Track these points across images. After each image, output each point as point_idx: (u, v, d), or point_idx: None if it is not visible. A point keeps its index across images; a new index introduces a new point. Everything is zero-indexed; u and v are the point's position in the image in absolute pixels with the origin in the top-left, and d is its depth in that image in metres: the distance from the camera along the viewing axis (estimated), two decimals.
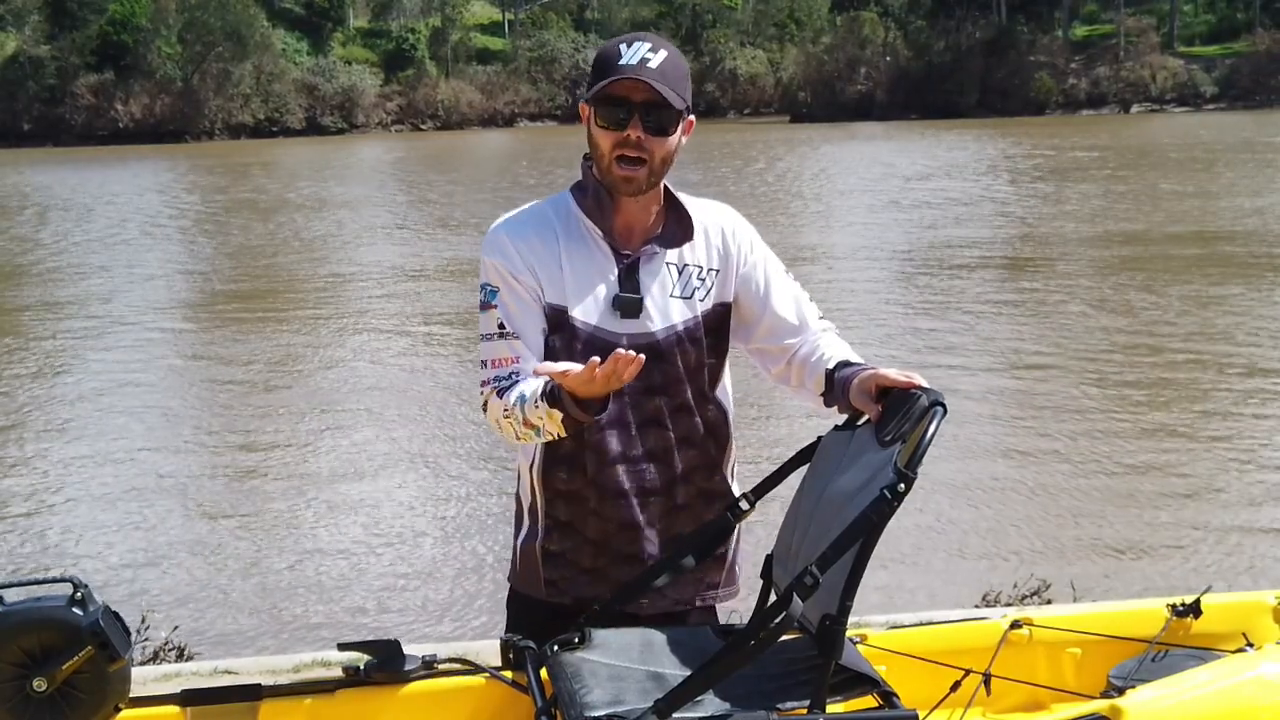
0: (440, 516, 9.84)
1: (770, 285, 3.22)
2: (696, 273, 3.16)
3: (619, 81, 2.98)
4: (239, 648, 7.44)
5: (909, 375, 2.94)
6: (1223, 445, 11.10)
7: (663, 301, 3.13)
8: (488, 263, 3.12)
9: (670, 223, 3.16)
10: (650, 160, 3.04)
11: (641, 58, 3.00)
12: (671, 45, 3.09)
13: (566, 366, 2.80)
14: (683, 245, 3.15)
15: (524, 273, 3.08)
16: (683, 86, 3.05)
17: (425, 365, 15.33)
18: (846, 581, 2.63)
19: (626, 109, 3.00)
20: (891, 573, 8.22)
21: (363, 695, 3.06)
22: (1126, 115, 72.17)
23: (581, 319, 3.09)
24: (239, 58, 76.14)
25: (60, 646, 2.77)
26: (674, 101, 3.00)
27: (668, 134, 3.04)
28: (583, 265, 3.10)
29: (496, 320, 3.09)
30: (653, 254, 3.13)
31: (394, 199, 36.57)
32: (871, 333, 15.91)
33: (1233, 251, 22.07)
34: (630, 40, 3.05)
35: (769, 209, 29.57)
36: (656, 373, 3.10)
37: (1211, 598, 3.48)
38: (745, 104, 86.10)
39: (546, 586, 3.21)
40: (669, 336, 3.12)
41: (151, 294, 21.25)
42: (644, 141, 3.01)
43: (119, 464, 11.48)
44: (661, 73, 3.00)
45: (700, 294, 3.16)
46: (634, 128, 3.00)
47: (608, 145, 3.03)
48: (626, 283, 3.10)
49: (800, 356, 3.20)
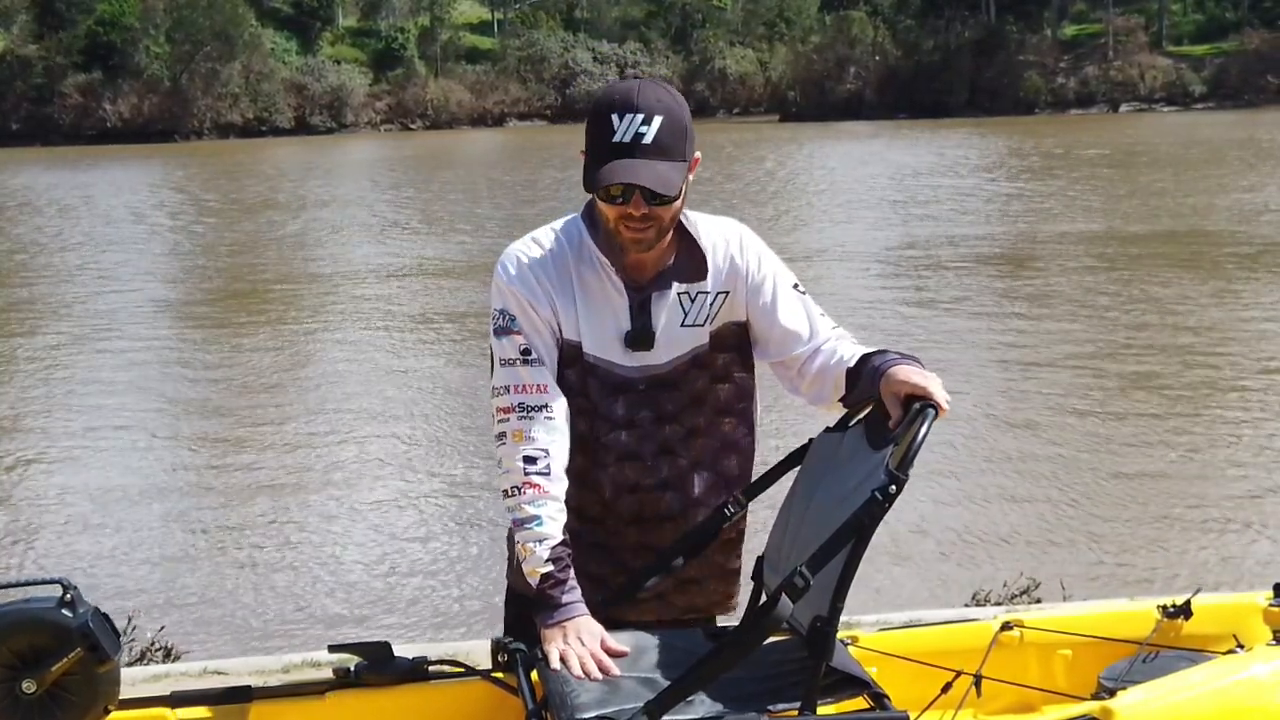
0: (432, 517, 9.83)
1: (777, 298, 3.14)
2: (707, 299, 3.11)
3: (611, 169, 2.88)
4: (228, 648, 7.42)
5: (928, 384, 2.87)
6: (1214, 446, 11.11)
7: (673, 332, 3.08)
8: (506, 289, 3.04)
9: (682, 255, 3.09)
10: (658, 223, 2.97)
11: (635, 133, 2.88)
12: (665, 96, 2.95)
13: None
14: (695, 281, 3.09)
15: (544, 304, 3.03)
16: (682, 146, 2.94)
17: (417, 364, 15.31)
18: (837, 583, 2.63)
19: (625, 192, 2.91)
20: (881, 573, 8.22)
21: (353, 697, 3.05)
22: (1115, 115, 72.26)
23: (593, 353, 3.05)
24: (227, 57, 76.01)
25: (50, 648, 2.76)
26: (669, 189, 2.90)
27: (673, 201, 2.96)
28: (596, 300, 3.05)
29: (519, 345, 3.01)
30: (666, 288, 3.07)
31: (384, 199, 36.51)
32: (862, 332, 15.89)
33: (1226, 251, 22.10)
34: (621, 109, 2.89)
35: (762, 208, 29.58)
36: (668, 401, 3.09)
37: (1202, 599, 3.48)
38: (735, 103, 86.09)
39: None
40: (677, 366, 3.09)
41: (139, 294, 21.20)
42: (649, 213, 2.94)
43: (105, 464, 11.46)
44: (659, 147, 2.89)
45: (710, 318, 3.11)
46: (636, 206, 2.92)
47: (612, 216, 2.96)
48: (638, 318, 3.05)
49: (816, 366, 3.13)
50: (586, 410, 3.07)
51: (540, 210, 30.95)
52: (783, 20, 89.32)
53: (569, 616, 2.93)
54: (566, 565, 2.95)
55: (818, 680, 2.68)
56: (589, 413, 3.07)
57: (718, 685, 2.71)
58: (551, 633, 2.92)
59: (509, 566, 3.31)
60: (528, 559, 2.96)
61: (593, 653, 2.87)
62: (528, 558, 2.96)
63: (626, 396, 3.07)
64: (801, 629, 2.73)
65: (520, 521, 2.97)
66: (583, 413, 3.07)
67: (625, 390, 3.07)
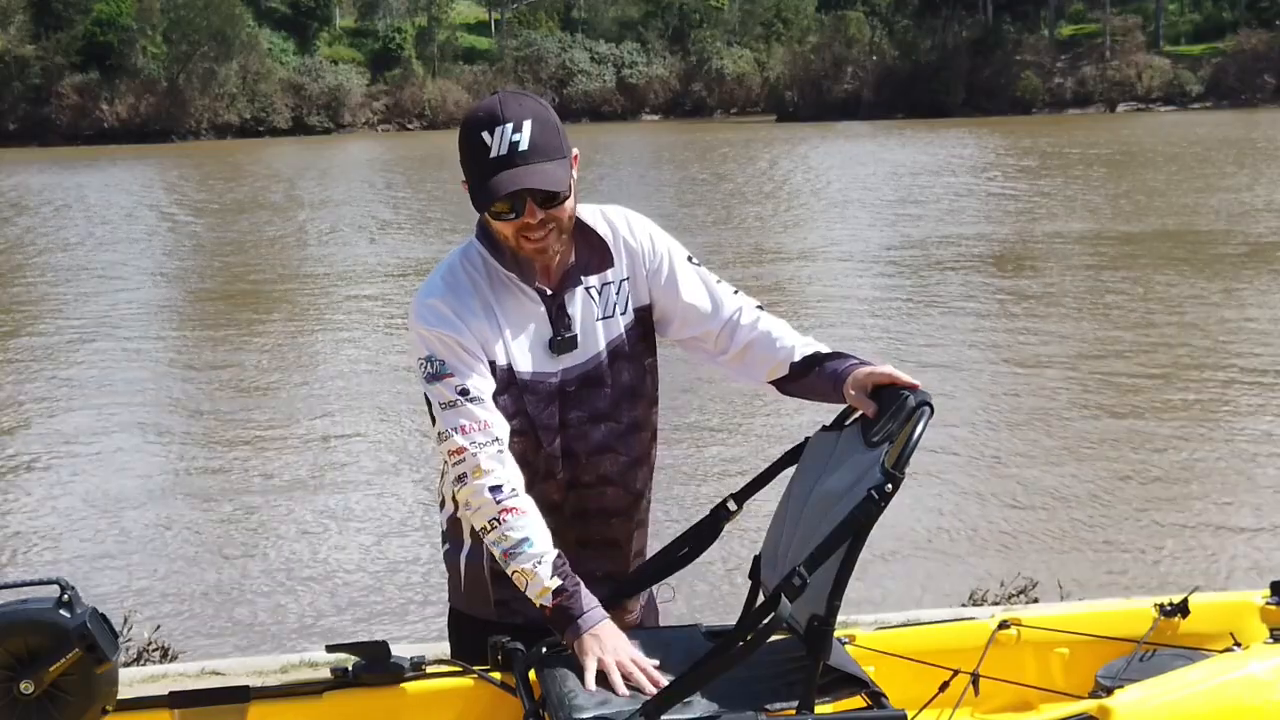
0: (429, 517, 9.82)
1: (676, 275, 3.13)
2: (614, 288, 3.10)
3: (497, 182, 2.88)
4: (225, 648, 7.42)
5: (894, 372, 2.92)
6: (1212, 444, 11.12)
7: (590, 328, 3.08)
8: (429, 334, 3.00)
9: (582, 248, 3.07)
10: (557, 224, 2.96)
11: (509, 143, 2.87)
12: (528, 102, 2.94)
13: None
14: (602, 270, 3.09)
15: (468, 338, 2.99)
16: (559, 143, 2.93)
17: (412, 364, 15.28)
18: (834, 582, 2.64)
19: (516, 202, 2.91)
20: (879, 571, 8.23)
21: (351, 697, 3.05)
22: (1112, 115, 72.27)
23: (524, 371, 3.04)
24: (224, 57, 75.94)
25: (48, 649, 2.75)
26: (559, 185, 2.90)
27: (564, 199, 2.95)
28: (516, 316, 3.03)
29: (455, 387, 2.97)
30: (576, 285, 3.07)
31: (380, 199, 36.51)
32: (858, 330, 15.92)
33: (1225, 250, 22.12)
34: (489, 124, 2.89)
35: (759, 207, 29.57)
36: (597, 399, 3.08)
37: (1199, 597, 3.48)
38: (732, 104, 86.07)
39: (497, 607, 3.15)
40: (601, 362, 3.09)
41: (135, 295, 21.20)
42: (545, 217, 2.93)
43: (102, 464, 11.46)
44: (535, 149, 2.89)
45: (620, 307, 3.11)
46: (530, 214, 2.91)
47: (509, 231, 2.95)
48: (558, 322, 3.05)
49: (742, 341, 3.12)
50: (526, 428, 3.05)
51: None
52: (780, 20, 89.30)
53: (594, 623, 2.87)
54: (570, 573, 2.91)
55: (815, 679, 2.68)
56: (529, 430, 3.05)
57: (715, 684, 2.71)
58: (586, 645, 2.85)
59: (451, 590, 3.27)
60: (530, 584, 2.89)
61: (638, 664, 2.83)
62: (530, 582, 2.89)
63: (558, 402, 3.06)
64: (799, 628, 2.74)
65: (509, 551, 2.91)
66: (523, 431, 3.04)
67: (556, 396, 3.06)
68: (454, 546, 3.20)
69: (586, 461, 3.09)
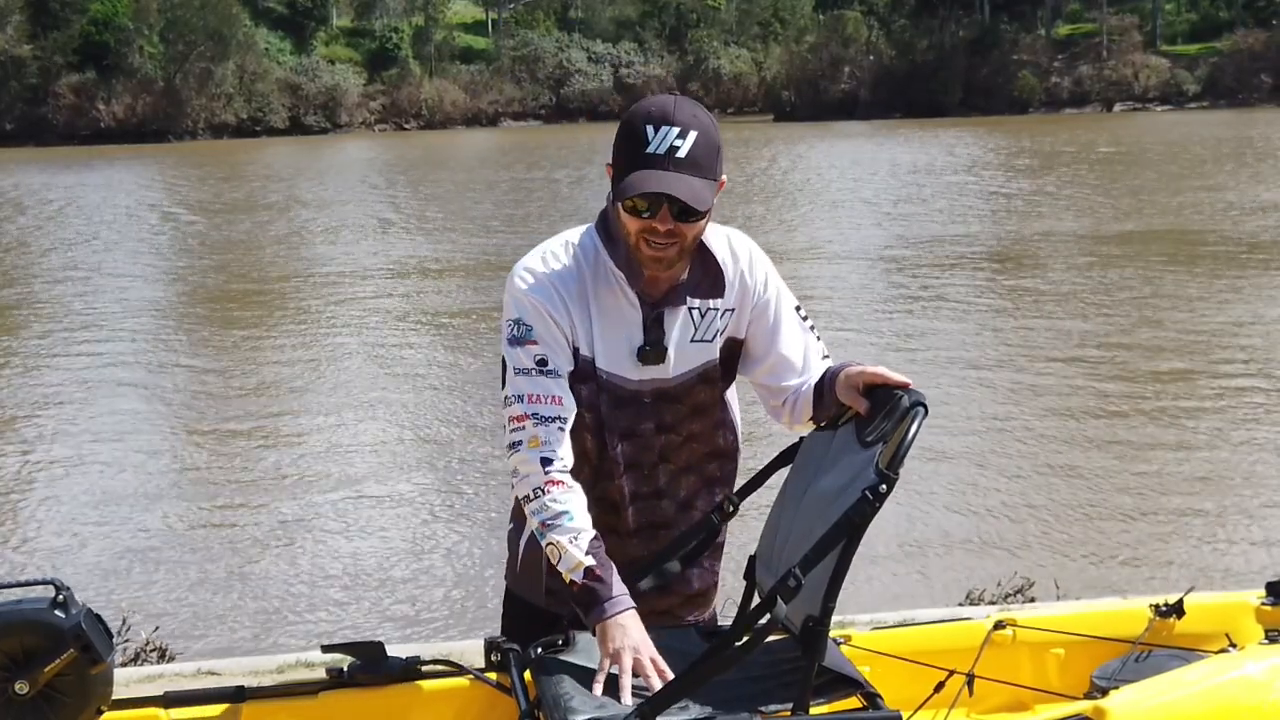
0: (426, 517, 9.82)
1: (780, 324, 3.12)
2: (716, 315, 3.08)
3: (642, 177, 2.84)
4: (221, 649, 7.41)
5: (881, 370, 2.92)
6: (1207, 445, 11.12)
7: (683, 347, 3.06)
8: (524, 298, 2.99)
9: (696, 269, 3.04)
10: (681, 241, 2.92)
11: (670, 145, 2.84)
12: (702, 114, 2.91)
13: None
14: (711, 297, 3.06)
15: (562, 316, 2.98)
16: (714, 164, 2.90)
17: (410, 363, 15.29)
18: (829, 583, 2.64)
19: (655, 202, 2.87)
20: (874, 571, 8.23)
21: (346, 697, 3.05)
22: (1109, 114, 72.30)
23: (605, 369, 3.03)
24: (221, 57, 75.82)
25: (42, 649, 2.76)
26: (701, 204, 2.86)
27: (701, 218, 2.91)
28: (611, 315, 3.01)
29: (535, 355, 2.96)
30: (680, 304, 3.04)
31: (377, 199, 36.47)
32: (857, 330, 15.92)
33: (1224, 249, 22.12)
34: (658, 121, 2.86)
35: (755, 207, 29.58)
36: (668, 413, 3.09)
37: (1194, 598, 3.49)
38: (729, 103, 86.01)
39: (547, 595, 3.15)
40: (685, 381, 3.08)
41: (131, 295, 21.17)
42: (674, 229, 2.89)
43: (98, 464, 11.44)
44: (693, 162, 2.85)
45: (718, 334, 3.10)
46: (663, 220, 2.87)
47: (634, 229, 2.91)
48: (652, 332, 3.03)
49: (801, 396, 3.12)
50: (596, 424, 3.05)
51: (534, 210, 31.01)
52: (777, 20, 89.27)
53: (621, 609, 2.85)
54: (605, 557, 2.90)
55: (810, 679, 2.68)
56: (598, 427, 3.05)
57: (710, 685, 2.71)
58: (609, 632, 2.83)
59: (509, 569, 3.28)
60: (563, 557, 2.88)
61: (656, 665, 2.80)
62: (563, 556, 2.88)
63: (631, 408, 3.06)
64: (794, 628, 2.73)
65: (548, 521, 2.91)
66: (593, 427, 3.05)
67: (631, 403, 3.06)
68: (517, 526, 3.21)
69: (649, 473, 3.10)
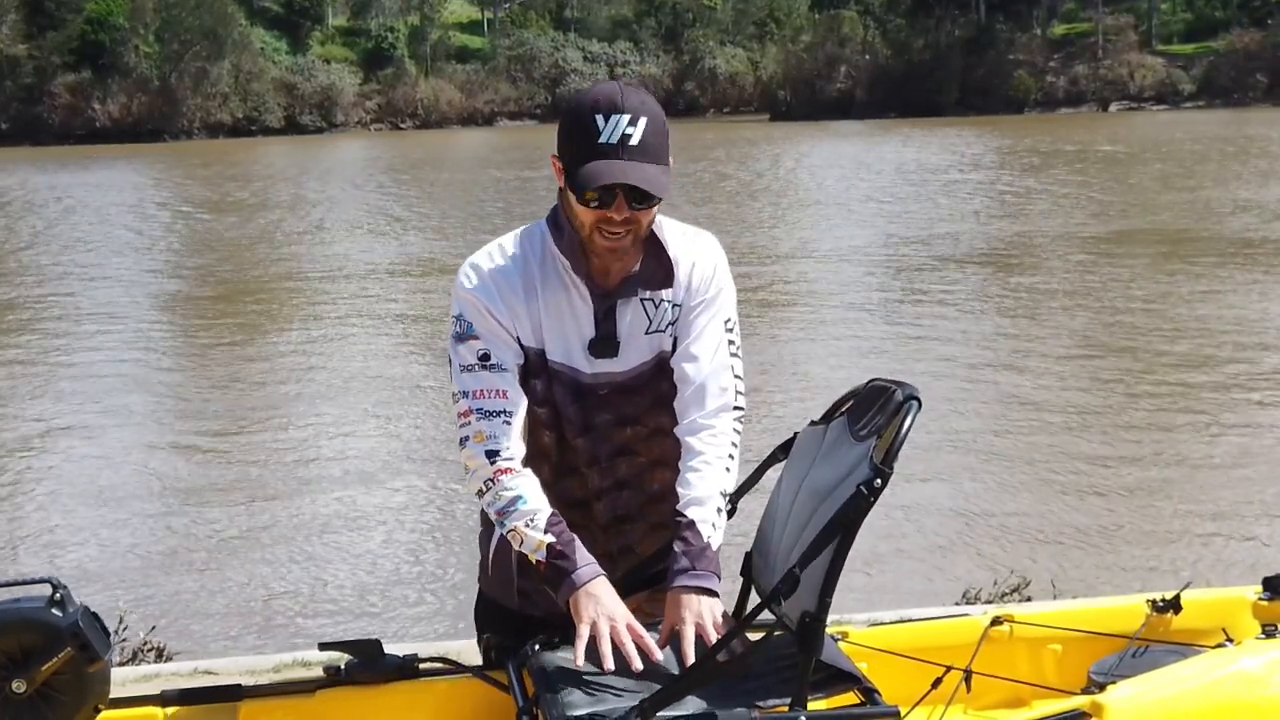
0: (422, 516, 9.82)
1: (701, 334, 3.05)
2: (668, 307, 3.06)
3: (598, 168, 2.83)
4: (219, 648, 7.41)
5: (685, 625, 2.82)
6: (1203, 441, 11.13)
7: (636, 340, 3.04)
8: (464, 295, 3.00)
9: (649, 261, 3.02)
10: (636, 228, 2.92)
11: (622, 134, 2.83)
12: (648, 99, 2.91)
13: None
14: (661, 289, 3.04)
15: (504, 313, 2.98)
16: (664, 149, 2.90)
17: (408, 363, 15.29)
18: (825, 578, 2.63)
19: (609, 193, 2.86)
20: (872, 569, 8.23)
21: (343, 695, 3.05)
22: (1105, 114, 72.35)
23: (556, 360, 3.01)
24: (217, 56, 75.85)
25: (40, 648, 2.76)
26: (659, 189, 2.85)
27: (653, 204, 2.92)
28: (560, 307, 3.00)
29: (477, 351, 2.98)
30: (632, 295, 3.03)
31: (373, 199, 36.45)
32: (854, 330, 15.93)
33: (1222, 248, 22.12)
34: (607, 110, 2.84)
35: (754, 206, 29.57)
36: (627, 405, 3.06)
37: (1191, 593, 3.49)
38: (725, 103, 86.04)
39: (519, 597, 3.14)
40: (641, 374, 3.06)
41: (128, 294, 21.18)
42: (630, 217, 2.88)
43: (95, 463, 11.44)
44: (646, 149, 2.85)
45: (670, 326, 3.06)
46: (619, 210, 2.87)
47: (589, 220, 2.90)
48: (603, 325, 3.01)
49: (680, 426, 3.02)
50: (553, 418, 3.04)
51: (537, 210, 30.98)
52: (773, 20, 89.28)
53: (589, 578, 2.85)
54: (566, 531, 2.89)
55: (808, 675, 2.68)
56: (554, 421, 3.04)
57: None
58: (580, 604, 2.82)
59: (481, 572, 3.26)
60: (524, 541, 2.89)
61: (633, 631, 2.79)
62: (524, 540, 2.89)
63: (586, 401, 3.04)
64: (791, 624, 2.73)
65: (503, 510, 2.92)
66: (549, 422, 3.04)
67: (588, 395, 3.03)
68: (487, 529, 3.19)
69: (607, 465, 3.07)
